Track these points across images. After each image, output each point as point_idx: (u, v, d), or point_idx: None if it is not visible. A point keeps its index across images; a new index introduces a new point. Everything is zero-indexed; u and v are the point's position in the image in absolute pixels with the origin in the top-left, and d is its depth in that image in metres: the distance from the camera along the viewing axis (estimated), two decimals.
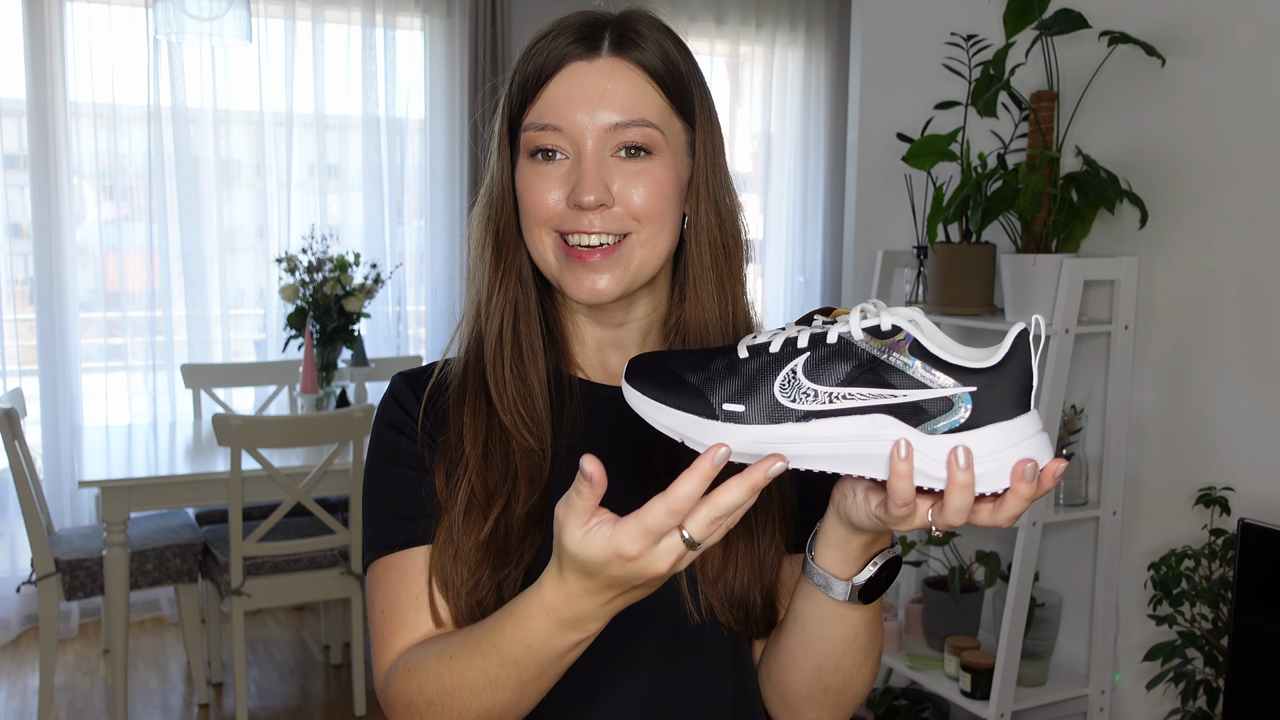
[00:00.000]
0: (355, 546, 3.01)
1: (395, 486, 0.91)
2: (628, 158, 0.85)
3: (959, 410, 0.67)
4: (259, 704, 3.28)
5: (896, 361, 0.68)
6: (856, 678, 0.87)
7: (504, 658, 0.75)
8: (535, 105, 0.86)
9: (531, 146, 0.86)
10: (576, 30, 0.86)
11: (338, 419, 2.88)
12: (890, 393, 0.67)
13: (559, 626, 0.71)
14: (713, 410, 0.69)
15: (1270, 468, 1.97)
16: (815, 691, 0.87)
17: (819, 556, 0.80)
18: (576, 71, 0.85)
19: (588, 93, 0.84)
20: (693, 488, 0.63)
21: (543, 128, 0.85)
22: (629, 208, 0.85)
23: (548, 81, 0.86)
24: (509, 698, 0.76)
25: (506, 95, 0.90)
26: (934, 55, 2.41)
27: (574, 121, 0.84)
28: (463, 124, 4.32)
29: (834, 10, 5.01)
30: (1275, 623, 1.76)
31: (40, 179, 3.75)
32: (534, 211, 0.87)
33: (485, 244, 0.92)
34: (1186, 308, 2.11)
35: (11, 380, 3.80)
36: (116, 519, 2.84)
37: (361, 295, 3.56)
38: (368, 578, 0.92)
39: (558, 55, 0.85)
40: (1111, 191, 2.03)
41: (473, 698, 0.77)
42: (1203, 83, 2.06)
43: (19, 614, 3.79)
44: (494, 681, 0.76)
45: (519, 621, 0.73)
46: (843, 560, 0.79)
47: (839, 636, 0.83)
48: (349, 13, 4.15)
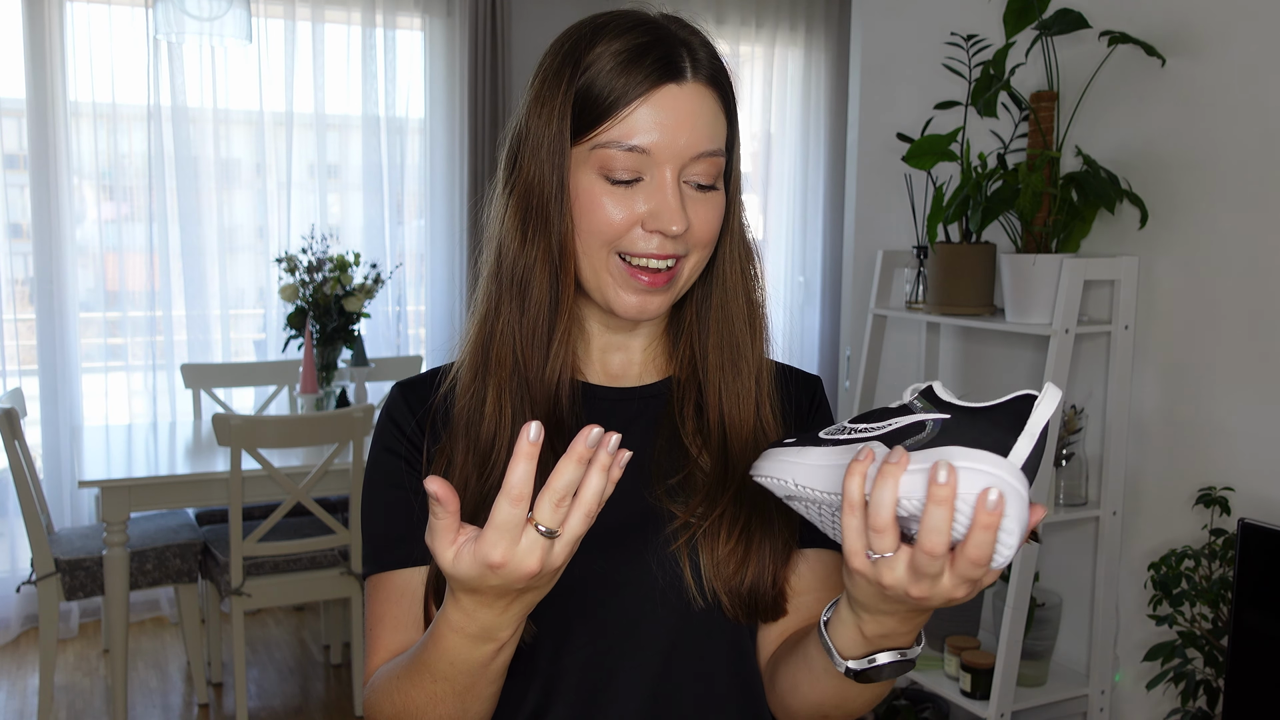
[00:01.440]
0: (355, 546, 3.01)
1: (385, 507, 0.93)
2: (697, 189, 0.86)
3: (925, 430, 0.66)
4: (259, 704, 3.28)
5: (910, 402, 0.70)
6: (856, 707, 0.87)
7: (435, 675, 0.77)
8: (619, 123, 0.83)
9: (611, 164, 0.83)
10: (658, 48, 0.84)
11: (338, 419, 2.88)
12: (883, 424, 0.68)
13: (470, 641, 0.73)
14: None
15: (1270, 468, 1.97)
16: (814, 717, 0.89)
17: (833, 636, 0.78)
18: (668, 95, 0.83)
19: (680, 120, 0.83)
20: (519, 472, 0.64)
21: (629, 149, 0.83)
22: (693, 235, 0.86)
23: (636, 101, 0.83)
24: (453, 709, 0.79)
25: (566, 100, 0.85)
26: (934, 55, 2.41)
27: (663, 146, 0.83)
28: (463, 124, 4.32)
29: (834, 10, 5.01)
30: (1275, 623, 1.76)
31: (40, 179, 3.75)
32: (602, 230, 0.85)
33: (534, 253, 0.87)
34: (1186, 308, 2.11)
35: (11, 380, 3.80)
36: (116, 519, 2.84)
37: (361, 295, 3.56)
38: (365, 589, 0.94)
39: (647, 76, 0.83)
40: (1111, 191, 2.03)
41: (422, 713, 0.80)
42: (1203, 83, 2.06)
43: (19, 614, 3.79)
44: (434, 697, 0.79)
45: (436, 642, 0.76)
46: (848, 641, 0.77)
47: (843, 689, 0.82)
48: (349, 13, 4.15)
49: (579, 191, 0.85)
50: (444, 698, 0.78)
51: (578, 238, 0.86)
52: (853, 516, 0.65)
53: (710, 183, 0.86)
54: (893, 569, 0.64)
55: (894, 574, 0.64)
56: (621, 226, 0.84)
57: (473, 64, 4.29)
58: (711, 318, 0.93)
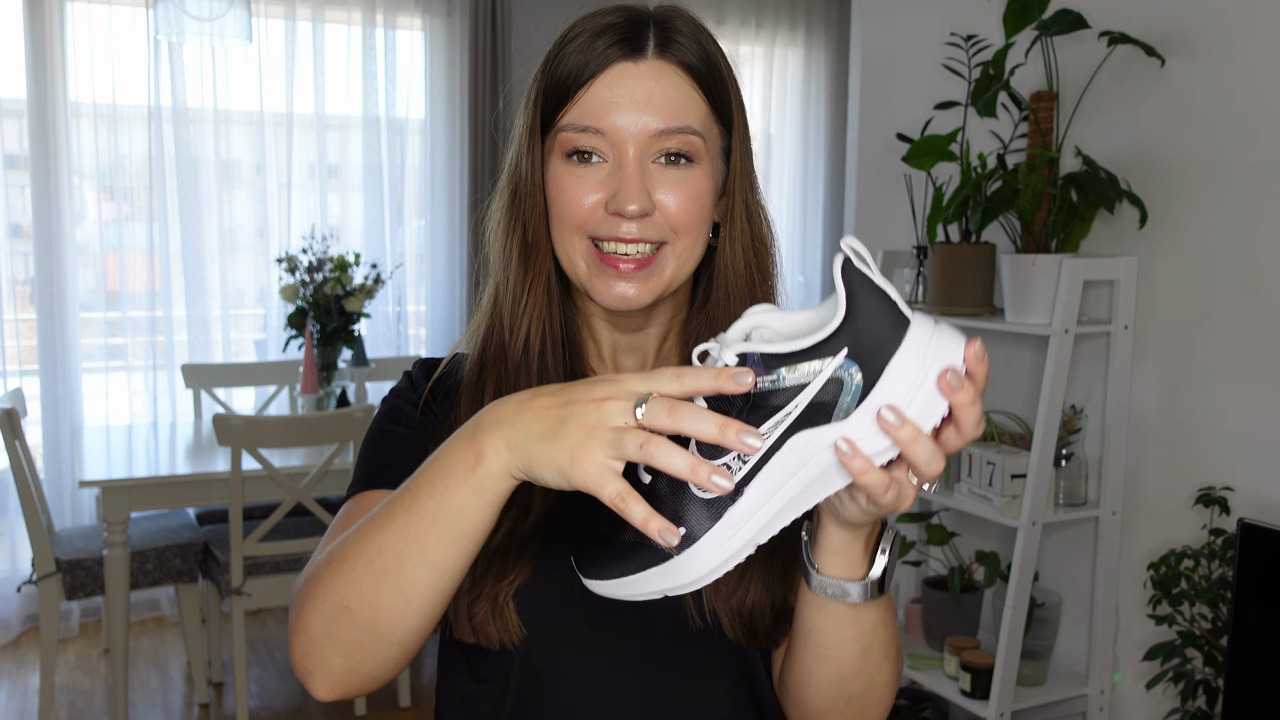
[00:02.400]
0: None
1: (386, 441, 0.91)
2: (668, 164, 0.83)
3: (850, 380, 0.62)
4: (259, 703, 3.28)
5: (766, 385, 0.64)
6: (880, 680, 0.83)
7: (387, 514, 0.71)
8: (575, 105, 0.82)
9: (569, 147, 0.83)
10: (620, 29, 0.82)
11: (338, 419, 2.88)
12: (784, 413, 0.63)
13: (464, 436, 0.69)
14: (664, 552, 0.66)
15: (1270, 467, 1.97)
16: (838, 702, 0.83)
17: (825, 567, 0.76)
18: (621, 73, 0.82)
19: (633, 96, 0.81)
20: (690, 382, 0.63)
21: (583, 129, 0.82)
22: (668, 217, 0.83)
23: (590, 81, 0.82)
24: (395, 536, 0.71)
25: (539, 88, 0.86)
26: (934, 55, 2.42)
27: (617, 126, 0.81)
28: (463, 124, 4.32)
29: (834, 10, 5.01)
30: (1275, 622, 1.77)
31: (41, 179, 3.75)
32: (567, 215, 0.84)
33: (510, 245, 0.88)
34: (1186, 307, 2.11)
35: (12, 380, 3.81)
36: (117, 519, 2.85)
37: (362, 295, 3.56)
38: (340, 510, 0.89)
39: (600, 54, 0.82)
40: (1111, 191, 2.03)
41: (361, 545, 0.72)
42: (1202, 83, 2.06)
43: (20, 614, 3.80)
44: (369, 555, 0.71)
45: (420, 469, 0.72)
46: (852, 563, 0.76)
47: (857, 640, 0.79)
48: (349, 13, 4.15)
49: (551, 178, 0.85)
50: (392, 519, 0.70)
51: (554, 226, 0.85)
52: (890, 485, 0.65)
53: (682, 155, 0.83)
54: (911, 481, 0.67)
55: (911, 488, 0.67)
56: (585, 210, 0.83)
57: (473, 64, 4.29)
58: (717, 314, 0.89)
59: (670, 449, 0.62)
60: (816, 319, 0.65)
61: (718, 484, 0.62)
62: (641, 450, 0.62)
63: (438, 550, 0.70)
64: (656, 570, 0.66)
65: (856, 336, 0.62)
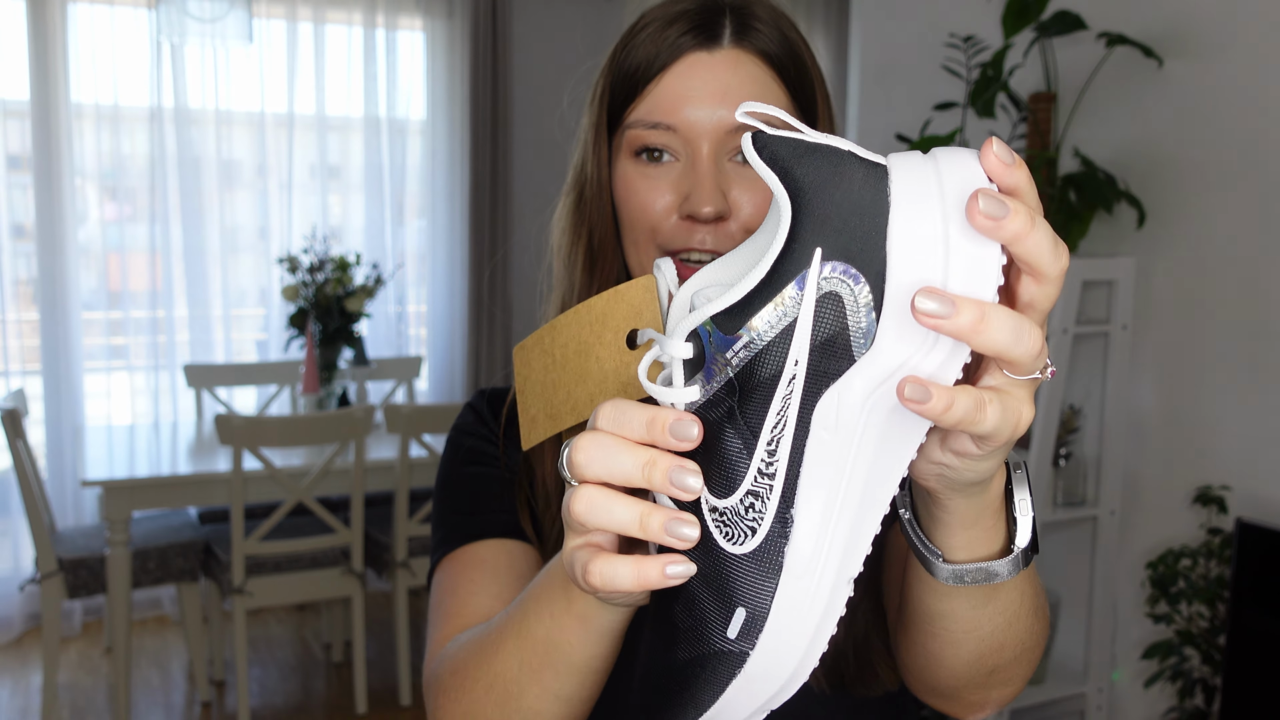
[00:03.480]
0: (356, 546, 3.02)
1: (470, 483, 0.84)
2: (745, 163, 0.74)
3: (849, 288, 0.43)
4: (261, 702, 3.29)
5: (739, 357, 0.45)
6: (1030, 642, 0.65)
7: (517, 608, 0.65)
8: (644, 100, 0.75)
9: (637, 145, 0.76)
10: (693, 16, 0.75)
11: (339, 419, 2.89)
12: (786, 382, 0.44)
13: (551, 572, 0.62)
14: (731, 652, 0.46)
15: (1267, 467, 1.97)
16: (978, 676, 0.67)
17: (954, 550, 0.56)
18: (694, 64, 0.74)
19: (708, 89, 0.73)
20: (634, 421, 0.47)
21: (653, 125, 0.75)
22: (742, 220, 0.74)
23: (661, 74, 0.75)
24: (511, 663, 0.64)
25: (605, 83, 0.79)
26: (933, 56, 2.42)
27: (690, 121, 0.74)
28: (464, 124, 4.33)
29: (834, 11, 5.02)
30: (1272, 621, 1.77)
31: (43, 180, 3.76)
32: (638, 219, 0.76)
33: (576, 249, 0.81)
34: (1184, 307, 2.12)
35: (14, 380, 3.82)
36: (119, 518, 2.85)
37: (362, 295, 3.57)
38: (432, 583, 0.83)
39: (672, 44, 0.74)
40: (1109, 192, 2.04)
41: (481, 665, 0.66)
42: (1200, 84, 2.06)
43: (22, 613, 3.81)
44: (500, 640, 0.65)
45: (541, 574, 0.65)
46: (989, 533, 0.56)
47: (1001, 615, 0.62)
48: (350, 14, 4.16)
49: (619, 180, 0.78)
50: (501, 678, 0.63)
51: (625, 233, 0.79)
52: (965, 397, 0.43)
53: None
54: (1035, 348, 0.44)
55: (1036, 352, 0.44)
56: (658, 214, 0.75)
57: (474, 65, 4.30)
58: None
59: (607, 505, 0.47)
60: (763, 239, 0.49)
61: (679, 535, 0.45)
62: (574, 518, 0.48)
63: (556, 683, 0.61)
64: (738, 682, 0.46)
65: (824, 226, 0.43)
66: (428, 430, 2.98)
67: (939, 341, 0.43)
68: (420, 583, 3.16)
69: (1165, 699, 2.15)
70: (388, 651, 3.60)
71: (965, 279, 0.42)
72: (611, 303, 0.57)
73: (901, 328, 0.43)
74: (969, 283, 0.42)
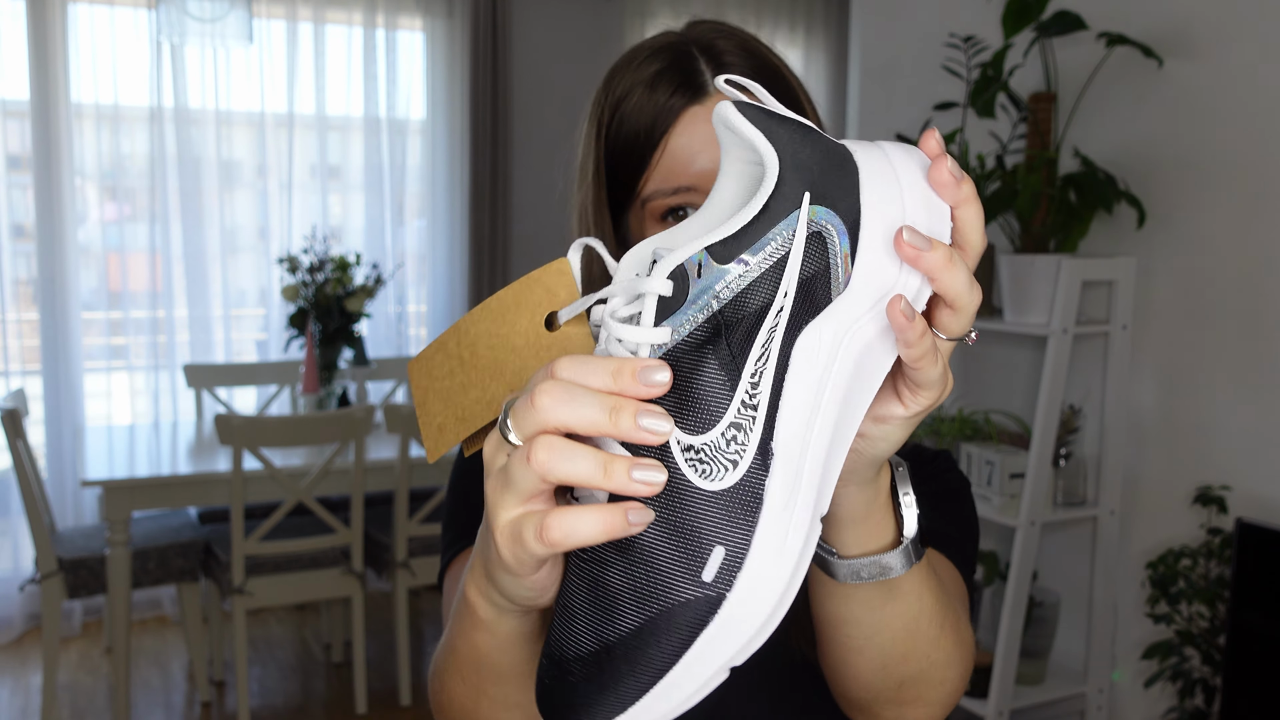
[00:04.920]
0: (356, 546, 3.02)
1: (474, 484, 0.83)
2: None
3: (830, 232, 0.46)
4: (261, 702, 3.29)
5: (732, 289, 0.46)
6: (938, 657, 0.66)
7: (446, 637, 0.66)
8: (656, 170, 0.76)
9: (664, 211, 0.76)
10: (671, 73, 0.76)
11: (339, 419, 2.89)
12: (774, 313, 0.46)
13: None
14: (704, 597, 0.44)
15: (1267, 467, 1.97)
16: (887, 690, 0.67)
17: (848, 545, 0.59)
18: (693, 120, 0.75)
19: (712, 139, 0.75)
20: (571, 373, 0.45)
21: (674, 191, 0.75)
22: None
23: (664, 138, 0.75)
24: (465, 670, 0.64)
25: (599, 157, 0.79)
26: (932, 56, 2.42)
27: (707, 173, 0.75)
28: (464, 124, 4.33)
29: (833, 11, 5.02)
30: (1272, 621, 1.77)
31: (43, 180, 3.76)
32: None
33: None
34: (1184, 308, 2.12)
35: (14, 380, 3.82)
36: (119, 518, 2.86)
37: (362, 295, 3.57)
38: (443, 584, 0.82)
39: (664, 108, 0.75)
40: (1109, 192, 2.04)
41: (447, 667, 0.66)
42: (1200, 84, 2.07)
43: (22, 613, 3.81)
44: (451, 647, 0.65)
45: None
46: (880, 526, 0.59)
47: (899, 618, 0.63)
48: (350, 14, 4.16)
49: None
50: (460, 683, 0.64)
51: None
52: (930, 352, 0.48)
53: None
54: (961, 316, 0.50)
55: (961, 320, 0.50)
56: None
57: (474, 65, 4.30)
58: None
59: (569, 454, 0.44)
60: (739, 188, 0.50)
61: (647, 480, 0.43)
62: (534, 468, 0.44)
63: (499, 690, 0.61)
64: (711, 629, 0.44)
65: (806, 175, 0.46)
66: None
67: (907, 285, 0.47)
68: (420, 583, 3.16)
69: (1165, 699, 2.15)
70: (388, 652, 3.60)
71: (927, 228, 0.48)
72: (523, 290, 0.55)
73: (874, 269, 0.47)
74: (932, 232, 0.48)
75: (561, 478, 0.44)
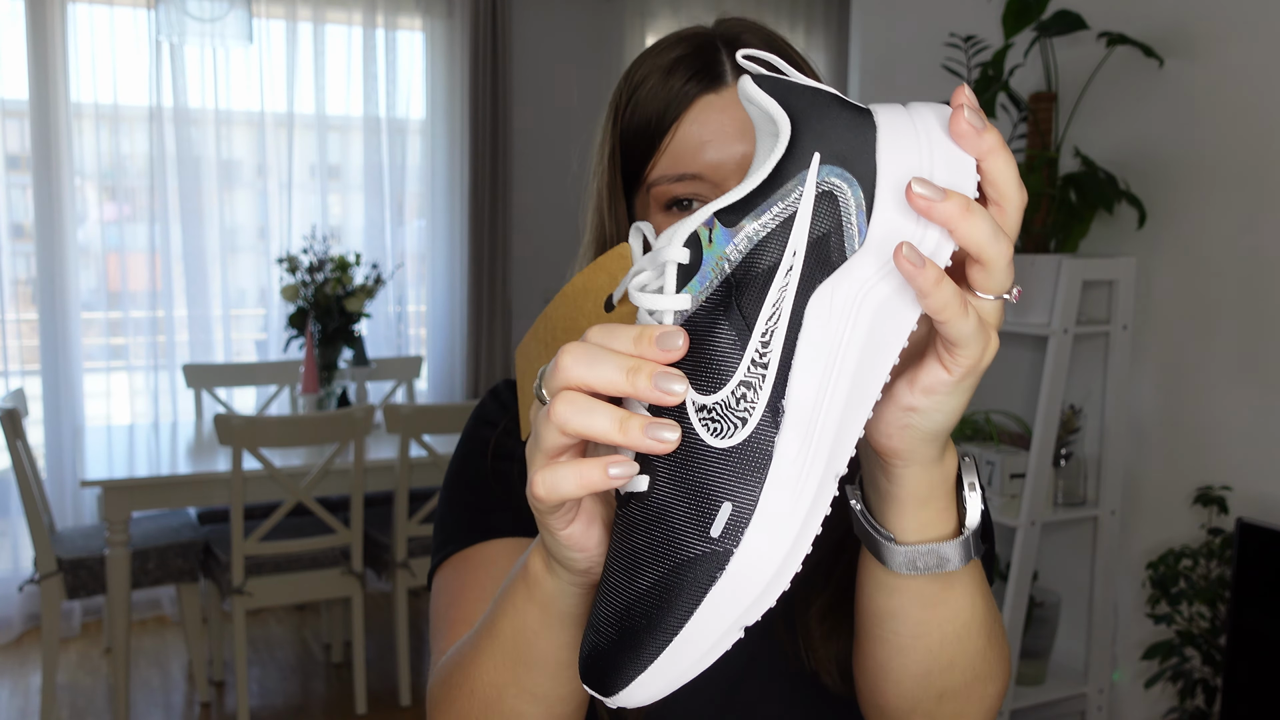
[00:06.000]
0: (356, 546, 3.02)
1: (471, 480, 0.82)
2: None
3: (843, 190, 0.46)
4: (260, 703, 3.28)
5: (740, 250, 0.47)
6: (983, 670, 0.64)
7: (491, 608, 0.65)
8: (664, 155, 0.75)
9: (666, 199, 0.75)
10: (691, 61, 0.75)
11: (339, 419, 2.89)
12: (784, 273, 0.46)
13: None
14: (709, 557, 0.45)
15: (1268, 467, 1.97)
16: (926, 701, 0.64)
17: (906, 531, 0.56)
18: (706, 108, 0.74)
19: (725, 130, 0.73)
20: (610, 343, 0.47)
21: (679, 178, 0.74)
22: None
23: (674, 125, 0.74)
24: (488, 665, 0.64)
25: (613, 143, 0.78)
26: (933, 56, 2.42)
27: (715, 164, 0.73)
28: (463, 124, 4.33)
29: (834, 10, 5.01)
30: (1273, 621, 1.77)
31: (42, 179, 3.76)
32: None
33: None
34: (1185, 307, 2.12)
35: (14, 380, 3.81)
36: (118, 518, 2.85)
37: (362, 295, 3.57)
38: (433, 585, 0.81)
39: (679, 93, 0.74)
40: (1110, 192, 2.04)
41: (463, 672, 0.66)
42: (1201, 83, 2.06)
43: (21, 613, 3.80)
44: (476, 643, 0.65)
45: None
46: (941, 513, 0.57)
47: (950, 621, 0.61)
48: (350, 14, 4.16)
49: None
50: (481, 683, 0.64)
51: None
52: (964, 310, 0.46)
53: None
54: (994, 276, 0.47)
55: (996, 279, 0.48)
56: None
57: (473, 65, 4.30)
58: None
59: (587, 408, 0.46)
60: (762, 160, 0.49)
61: (659, 438, 0.45)
62: (554, 420, 0.46)
63: (530, 678, 0.61)
64: (719, 585, 0.45)
65: (820, 138, 0.46)
66: (428, 430, 2.97)
67: (925, 240, 0.46)
68: (420, 583, 3.16)
69: (1166, 699, 2.15)
70: (387, 652, 3.60)
71: (946, 180, 0.46)
72: (590, 276, 0.58)
73: (890, 226, 0.46)
74: (951, 185, 0.46)
75: (578, 430, 0.46)
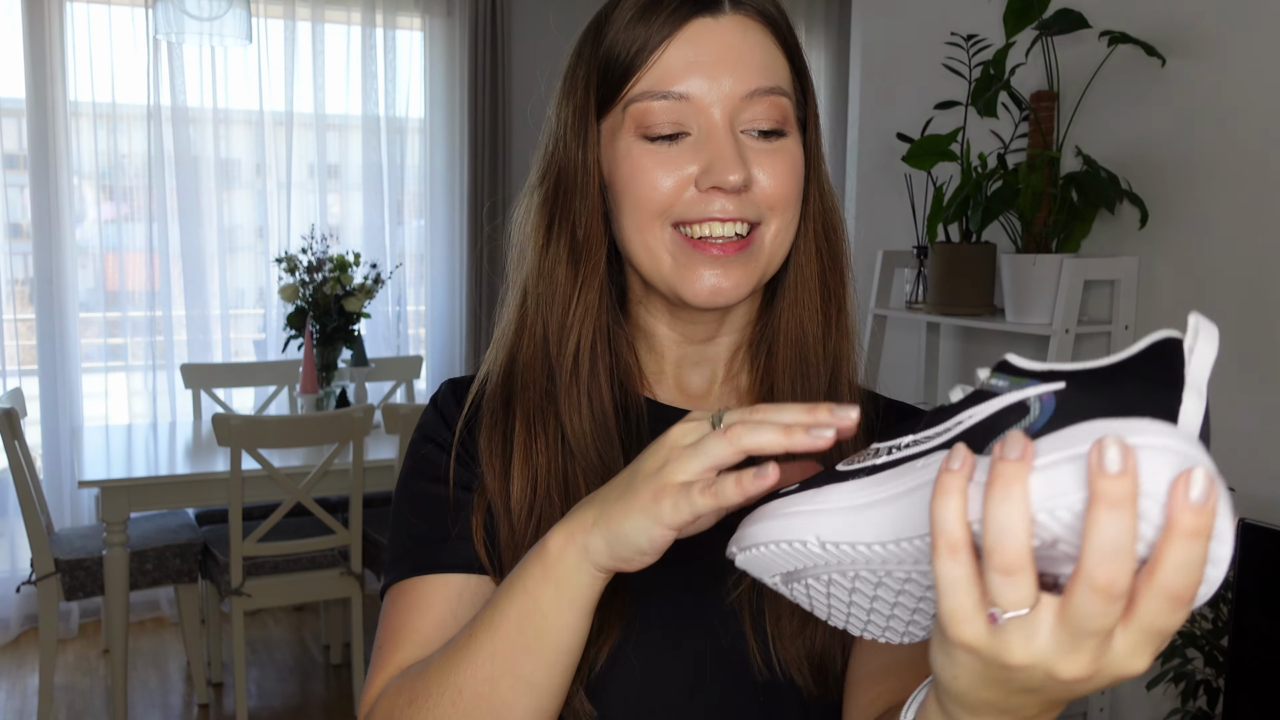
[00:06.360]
0: (355, 546, 3.01)
1: (420, 504, 0.79)
2: (760, 138, 0.72)
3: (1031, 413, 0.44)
4: (259, 704, 3.27)
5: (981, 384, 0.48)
6: None
7: (478, 635, 0.65)
8: (648, 72, 0.70)
9: (647, 120, 0.71)
10: None
11: (337, 419, 2.88)
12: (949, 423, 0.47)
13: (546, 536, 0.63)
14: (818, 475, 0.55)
15: (1270, 468, 1.97)
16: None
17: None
18: (700, 29, 0.70)
19: (718, 55, 0.69)
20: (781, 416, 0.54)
21: (662, 95, 0.70)
22: (763, 192, 0.71)
23: (664, 44, 0.70)
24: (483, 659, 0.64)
25: (590, 67, 0.74)
26: (934, 55, 2.42)
27: (703, 88, 0.69)
28: (463, 124, 4.32)
29: (834, 10, 5.01)
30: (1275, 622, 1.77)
31: (40, 179, 3.75)
32: (648, 200, 0.71)
33: (556, 246, 0.76)
34: (1186, 308, 2.11)
35: (11, 380, 3.80)
36: (116, 519, 2.84)
37: (361, 295, 3.56)
38: (384, 602, 0.80)
39: (672, 13, 0.70)
40: (1111, 191, 2.03)
41: (445, 676, 0.66)
42: (1203, 83, 2.06)
43: (19, 614, 3.79)
44: (469, 642, 0.65)
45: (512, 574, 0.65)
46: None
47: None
48: (349, 13, 4.15)
49: (617, 162, 0.73)
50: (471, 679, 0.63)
51: (624, 219, 0.73)
52: (954, 562, 0.40)
53: (775, 127, 0.72)
54: (1032, 635, 0.39)
55: (1034, 642, 0.40)
56: (671, 192, 0.71)
57: (473, 64, 4.29)
58: (782, 321, 0.77)
59: (754, 424, 0.54)
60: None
61: (828, 423, 0.52)
62: (727, 437, 0.54)
63: (529, 665, 0.62)
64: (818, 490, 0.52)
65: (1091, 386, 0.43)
66: None
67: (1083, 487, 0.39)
68: None
69: (1168, 701, 2.14)
70: None
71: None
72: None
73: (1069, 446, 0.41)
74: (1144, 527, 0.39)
75: (749, 447, 0.54)
